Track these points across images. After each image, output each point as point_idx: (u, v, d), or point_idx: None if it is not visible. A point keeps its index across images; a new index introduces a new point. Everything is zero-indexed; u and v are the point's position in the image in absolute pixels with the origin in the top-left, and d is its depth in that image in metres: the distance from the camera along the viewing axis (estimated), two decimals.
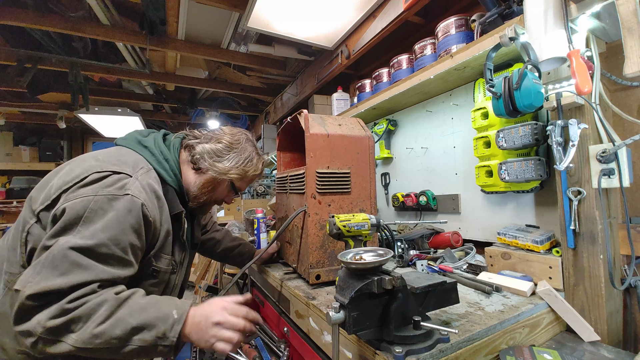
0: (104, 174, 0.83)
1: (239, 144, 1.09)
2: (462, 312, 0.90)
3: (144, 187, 0.87)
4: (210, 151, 1.04)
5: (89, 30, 2.34)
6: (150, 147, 1.00)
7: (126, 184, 0.84)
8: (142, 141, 1.01)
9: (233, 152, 1.07)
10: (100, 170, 0.84)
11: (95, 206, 0.78)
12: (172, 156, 1.03)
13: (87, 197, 0.78)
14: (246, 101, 4.46)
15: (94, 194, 0.79)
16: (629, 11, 0.79)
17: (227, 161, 1.05)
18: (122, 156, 0.93)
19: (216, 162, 1.04)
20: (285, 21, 1.98)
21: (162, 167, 0.98)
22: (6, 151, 4.96)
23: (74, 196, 0.78)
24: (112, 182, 0.82)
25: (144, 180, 0.89)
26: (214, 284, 3.21)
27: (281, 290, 1.31)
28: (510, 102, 0.95)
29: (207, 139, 1.08)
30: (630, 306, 1.02)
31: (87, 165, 0.86)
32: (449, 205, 1.60)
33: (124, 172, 0.86)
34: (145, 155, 0.97)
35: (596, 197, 0.93)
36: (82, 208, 0.76)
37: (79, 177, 0.82)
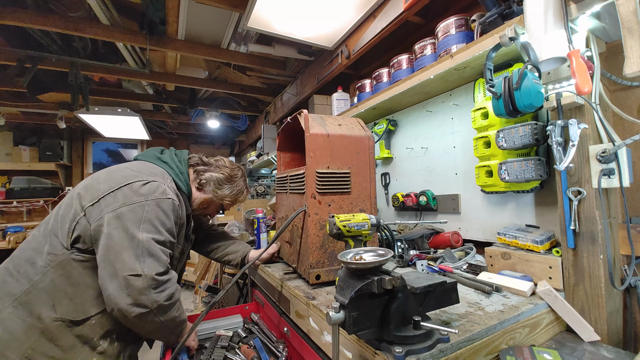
0: (146, 181, 1.08)
1: (236, 178, 1.40)
2: (462, 312, 0.90)
3: (173, 192, 1.15)
4: (215, 179, 1.34)
5: (89, 30, 2.33)
6: (169, 163, 1.26)
7: (165, 190, 1.10)
8: (161, 157, 1.27)
9: (231, 183, 1.38)
10: (141, 179, 1.08)
11: (150, 208, 1.04)
12: (184, 170, 1.30)
13: (141, 202, 1.04)
14: (246, 101, 4.46)
15: (145, 199, 1.04)
16: (629, 11, 0.79)
17: (225, 190, 1.36)
18: (150, 168, 1.18)
19: (217, 189, 1.34)
20: (285, 21, 1.98)
21: (180, 179, 1.25)
22: (6, 151, 4.96)
23: (130, 200, 1.03)
24: (155, 189, 1.08)
25: (172, 187, 1.16)
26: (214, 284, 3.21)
27: (281, 290, 1.31)
28: (510, 102, 0.95)
29: (213, 169, 1.36)
30: (630, 306, 1.02)
31: (127, 174, 1.10)
32: (449, 205, 1.60)
33: (159, 181, 1.11)
34: (166, 169, 1.23)
35: (596, 197, 0.93)
36: (140, 210, 1.02)
37: (124, 183, 1.06)
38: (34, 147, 4.99)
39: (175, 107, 4.63)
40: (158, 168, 1.21)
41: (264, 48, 2.60)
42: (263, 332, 1.47)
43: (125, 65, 2.99)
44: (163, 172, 1.20)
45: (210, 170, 1.34)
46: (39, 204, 4.70)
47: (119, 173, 1.10)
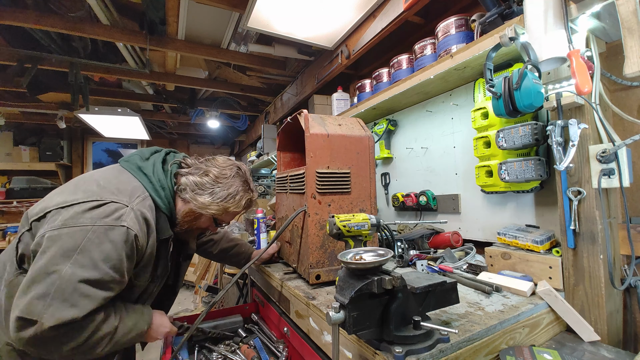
0: (102, 202, 0.89)
1: (225, 179, 1.09)
2: (462, 312, 0.90)
3: (137, 217, 0.92)
4: (193, 184, 1.06)
5: (89, 30, 2.33)
6: (149, 175, 1.03)
7: (122, 215, 0.89)
8: (142, 167, 1.05)
9: (217, 186, 1.07)
10: (99, 198, 0.90)
11: (93, 236, 0.84)
12: (167, 184, 1.06)
13: (86, 226, 0.84)
14: (246, 101, 4.46)
15: (92, 223, 0.85)
16: (629, 11, 0.79)
17: (208, 195, 1.06)
18: (121, 183, 0.98)
19: (197, 196, 1.05)
20: (285, 21, 1.98)
21: (158, 195, 1.02)
22: (6, 151, 4.96)
23: (73, 222, 0.84)
24: (109, 212, 0.88)
25: (138, 210, 0.94)
26: (214, 284, 3.21)
27: (281, 290, 1.31)
28: (510, 102, 0.95)
29: (195, 170, 1.09)
30: (630, 306, 1.02)
31: (89, 189, 0.93)
32: (449, 205, 1.60)
33: (121, 202, 0.91)
34: (143, 183, 1.01)
35: (596, 197, 0.93)
36: (80, 237, 0.82)
37: (78, 200, 0.88)
38: (34, 147, 4.99)
39: (175, 107, 4.63)
40: (133, 182, 1.00)
41: (264, 48, 2.60)
42: (263, 332, 1.47)
43: (125, 65, 2.99)
44: (137, 187, 0.99)
45: (191, 173, 1.08)
46: None
47: (83, 186, 0.94)
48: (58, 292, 0.78)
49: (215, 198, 1.06)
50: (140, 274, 1.00)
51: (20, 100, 3.86)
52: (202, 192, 1.06)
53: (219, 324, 1.55)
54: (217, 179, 1.08)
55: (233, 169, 1.12)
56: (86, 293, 0.81)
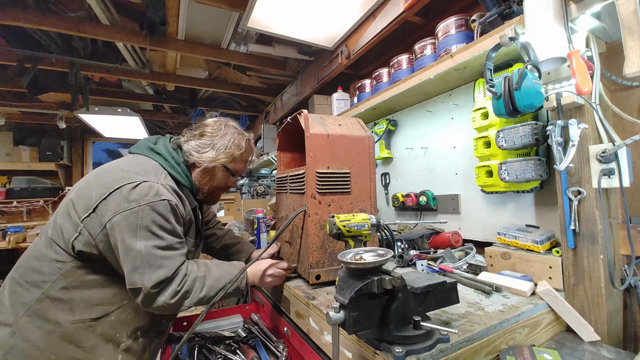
0: (136, 183, 0.99)
1: (219, 131, 1.21)
2: (462, 312, 0.90)
3: (169, 189, 1.04)
4: (195, 146, 1.18)
5: (89, 30, 2.33)
6: (163, 154, 1.14)
7: (159, 190, 1.00)
8: (154, 148, 1.15)
9: (215, 140, 1.19)
10: (131, 181, 0.99)
11: (144, 214, 0.96)
12: (180, 159, 1.17)
13: (134, 208, 0.96)
14: (246, 101, 4.46)
15: (137, 204, 0.96)
16: (629, 11, 0.79)
17: (211, 149, 1.18)
18: (142, 164, 1.08)
19: (202, 154, 1.17)
20: (285, 21, 1.98)
21: (176, 170, 1.13)
22: (6, 151, 4.95)
23: (122, 207, 0.96)
24: (147, 191, 0.99)
25: (167, 184, 1.05)
26: None
27: (281, 290, 1.31)
28: (510, 102, 0.95)
29: (191, 136, 1.20)
30: (630, 306, 1.02)
31: (116, 175, 1.01)
32: (449, 205, 1.60)
33: (151, 180, 1.02)
34: (160, 162, 1.12)
35: (596, 197, 0.93)
36: (134, 218, 0.95)
37: (114, 187, 0.98)
38: (34, 147, 4.98)
39: (175, 107, 4.63)
40: (151, 162, 1.11)
41: (264, 48, 2.60)
42: (263, 332, 1.47)
43: (125, 65, 2.99)
44: (156, 166, 1.10)
45: (189, 139, 1.20)
46: (39, 204, 4.69)
47: (109, 175, 1.03)
48: (144, 262, 0.94)
49: (218, 148, 1.18)
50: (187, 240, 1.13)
51: (20, 100, 3.86)
52: (205, 149, 1.17)
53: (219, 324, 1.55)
54: (212, 134, 1.20)
55: (221, 123, 1.24)
56: (162, 255, 0.97)
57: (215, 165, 1.19)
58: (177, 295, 0.98)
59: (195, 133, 1.21)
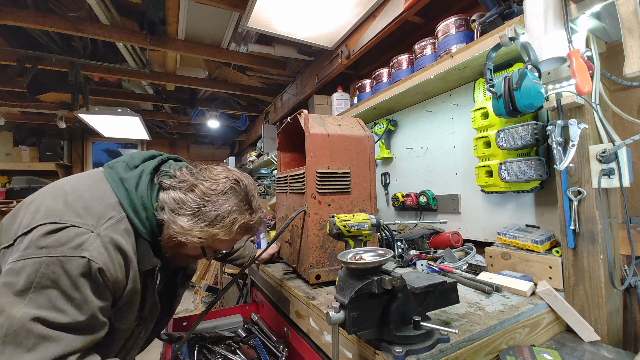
0: (61, 226, 0.72)
1: (214, 195, 0.84)
2: (462, 312, 0.90)
3: (105, 245, 0.74)
4: (173, 201, 0.83)
5: (89, 30, 2.33)
6: (130, 191, 0.83)
7: (84, 243, 0.71)
8: (124, 179, 0.85)
9: (203, 205, 0.83)
10: (59, 220, 0.73)
11: (47, 270, 0.67)
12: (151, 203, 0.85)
13: (40, 257, 0.68)
14: (246, 101, 4.46)
15: (46, 254, 0.69)
16: (629, 11, 0.79)
17: (190, 218, 0.82)
18: (93, 199, 0.80)
19: (176, 217, 0.82)
20: (285, 21, 1.98)
21: (138, 216, 0.82)
22: (6, 151, 4.96)
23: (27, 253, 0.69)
24: (68, 240, 0.71)
25: (107, 236, 0.75)
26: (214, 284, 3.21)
27: (281, 290, 1.31)
28: (510, 102, 0.95)
29: (180, 183, 0.86)
30: (630, 306, 1.02)
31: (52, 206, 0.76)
32: (449, 205, 1.60)
33: (84, 227, 0.73)
34: (121, 200, 0.82)
35: (596, 197, 0.93)
36: (33, 272, 0.67)
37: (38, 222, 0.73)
38: (34, 147, 4.99)
39: (175, 107, 4.63)
40: (110, 197, 0.82)
41: (264, 48, 2.60)
42: (263, 332, 1.47)
43: (125, 65, 2.99)
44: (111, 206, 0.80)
45: (173, 187, 0.85)
46: None
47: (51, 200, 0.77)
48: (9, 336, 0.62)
49: (200, 221, 0.82)
50: (121, 316, 0.81)
51: (20, 100, 3.86)
52: (183, 213, 0.82)
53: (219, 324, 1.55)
54: (205, 195, 0.83)
55: (227, 183, 0.87)
56: (43, 334, 0.65)
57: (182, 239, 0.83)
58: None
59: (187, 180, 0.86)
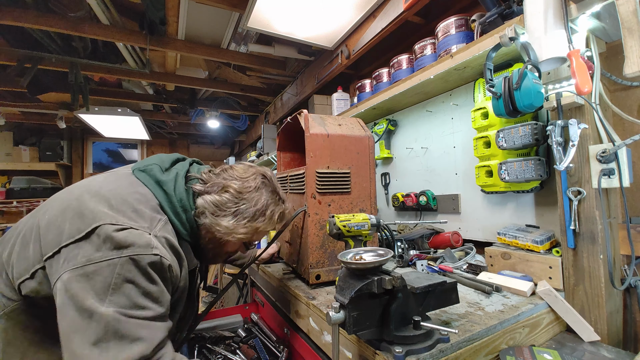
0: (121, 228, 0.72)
1: (249, 192, 0.89)
2: (462, 312, 0.90)
3: (164, 245, 0.78)
4: (212, 205, 0.87)
5: (89, 30, 2.33)
6: (170, 194, 0.85)
7: (150, 242, 0.73)
8: (162, 182, 0.86)
9: (241, 203, 0.88)
10: (115, 223, 0.73)
11: (122, 270, 0.69)
12: (190, 204, 0.88)
13: (112, 259, 0.69)
14: (246, 101, 4.46)
15: (118, 255, 0.70)
16: (629, 11, 0.79)
17: (232, 217, 0.87)
18: (138, 203, 0.80)
19: (219, 219, 0.87)
20: (285, 21, 1.98)
21: (179, 219, 0.85)
22: (6, 151, 4.96)
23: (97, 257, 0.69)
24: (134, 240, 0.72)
25: (163, 237, 0.78)
26: (214, 284, 3.21)
27: (281, 290, 1.31)
28: (510, 102, 0.95)
29: (212, 187, 0.89)
30: (630, 306, 1.02)
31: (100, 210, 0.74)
32: (449, 205, 1.60)
33: (142, 229, 0.75)
34: (162, 202, 0.84)
35: (596, 197, 0.93)
36: (109, 274, 0.68)
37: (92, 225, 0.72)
38: (34, 147, 4.99)
39: (175, 107, 4.63)
40: (151, 201, 0.83)
41: (264, 48, 2.60)
42: (263, 332, 1.47)
43: (125, 65, 2.99)
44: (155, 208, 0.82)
45: (208, 191, 0.89)
46: (39, 204, 4.70)
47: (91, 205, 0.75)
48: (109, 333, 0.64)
49: (241, 219, 0.87)
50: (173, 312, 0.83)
51: (20, 100, 3.86)
52: (224, 214, 0.87)
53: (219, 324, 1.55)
54: (240, 194, 0.88)
55: (257, 179, 0.92)
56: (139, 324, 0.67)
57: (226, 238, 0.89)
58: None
59: (217, 183, 0.90)
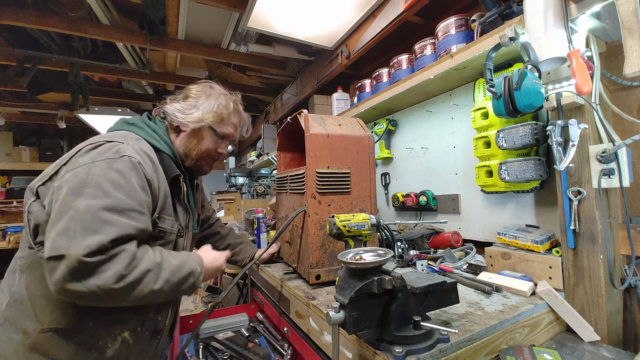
0: (97, 143, 0.88)
1: (203, 93, 1.12)
2: (462, 312, 0.90)
3: (136, 150, 0.92)
4: (180, 108, 1.09)
5: (89, 30, 2.34)
6: (137, 123, 1.04)
7: (120, 148, 0.88)
8: (128, 121, 1.05)
9: (200, 100, 1.10)
10: (92, 142, 0.88)
11: (97, 169, 0.82)
12: (159, 128, 1.07)
13: (87, 164, 0.82)
14: (246, 101, 4.45)
15: (92, 160, 0.83)
16: (629, 11, 0.79)
17: (197, 110, 1.09)
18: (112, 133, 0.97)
19: (188, 116, 1.08)
20: (285, 21, 1.98)
21: (152, 137, 1.02)
22: (6, 151, 4.96)
23: (74, 165, 0.83)
24: (107, 149, 0.86)
25: (136, 145, 0.93)
26: (214, 284, 3.21)
27: (281, 290, 1.31)
28: (510, 102, 0.95)
29: (174, 100, 1.12)
30: (630, 306, 1.02)
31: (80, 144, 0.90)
32: (449, 205, 1.60)
33: (116, 141, 0.90)
34: (132, 130, 1.01)
35: (596, 197, 0.93)
36: (85, 173, 0.80)
37: (74, 152, 0.87)
38: (34, 147, 5.00)
39: None
40: (123, 132, 0.99)
41: (264, 48, 2.60)
42: (269, 330, 1.47)
43: (125, 65, 3.00)
44: (127, 133, 0.98)
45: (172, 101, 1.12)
46: None
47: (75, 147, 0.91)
48: (78, 224, 0.75)
49: (204, 109, 1.09)
50: (162, 217, 0.97)
51: (20, 100, 3.86)
52: (191, 110, 1.09)
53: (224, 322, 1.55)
54: (197, 94, 1.12)
55: (206, 85, 1.16)
56: (106, 219, 0.78)
57: (202, 126, 1.09)
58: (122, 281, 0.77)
59: (178, 97, 1.13)
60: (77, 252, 0.72)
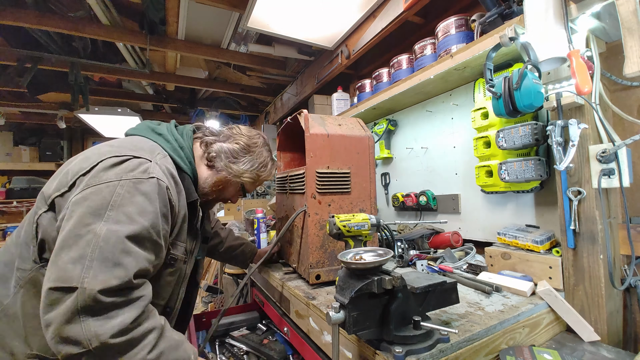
0: (123, 158, 0.79)
1: (256, 147, 1.09)
2: (462, 312, 0.90)
3: (163, 171, 0.84)
4: (228, 151, 1.04)
5: (89, 30, 2.33)
6: (165, 135, 0.97)
7: (149, 168, 0.80)
8: (155, 129, 0.98)
9: (249, 155, 1.07)
10: (118, 154, 0.80)
11: (122, 190, 0.73)
12: (186, 144, 1.01)
13: (112, 181, 0.74)
14: (246, 101, 4.46)
15: (118, 178, 0.75)
16: (629, 11, 0.79)
17: (242, 164, 1.05)
18: (137, 143, 0.89)
19: (232, 164, 1.04)
20: (285, 21, 1.98)
21: (178, 154, 0.96)
22: (6, 151, 4.96)
23: (96, 181, 0.74)
24: (134, 167, 0.78)
25: (163, 165, 0.86)
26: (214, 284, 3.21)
27: (281, 290, 1.31)
28: (510, 102, 0.95)
29: (225, 138, 1.07)
30: (630, 306, 1.02)
31: (103, 151, 0.82)
32: (449, 205, 1.60)
33: (143, 157, 0.82)
34: (159, 142, 0.94)
35: (596, 197, 0.93)
36: (108, 193, 0.72)
37: (96, 162, 0.78)
38: (34, 147, 5.00)
39: (175, 107, 4.63)
40: (149, 142, 0.91)
41: (264, 48, 2.60)
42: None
43: (125, 65, 2.99)
44: (154, 146, 0.91)
45: (221, 141, 1.06)
46: None
47: (95, 151, 0.83)
48: (96, 252, 0.65)
49: (249, 166, 1.06)
50: (176, 244, 0.91)
51: (20, 100, 3.86)
52: (237, 160, 1.05)
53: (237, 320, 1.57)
54: (249, 147, 1.08)
55: (260, 138, 1.13)
56: (128, 250, 0.69)
57: (235, 180, 1.06)
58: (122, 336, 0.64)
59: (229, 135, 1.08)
60: (93, 287, 0.62)
